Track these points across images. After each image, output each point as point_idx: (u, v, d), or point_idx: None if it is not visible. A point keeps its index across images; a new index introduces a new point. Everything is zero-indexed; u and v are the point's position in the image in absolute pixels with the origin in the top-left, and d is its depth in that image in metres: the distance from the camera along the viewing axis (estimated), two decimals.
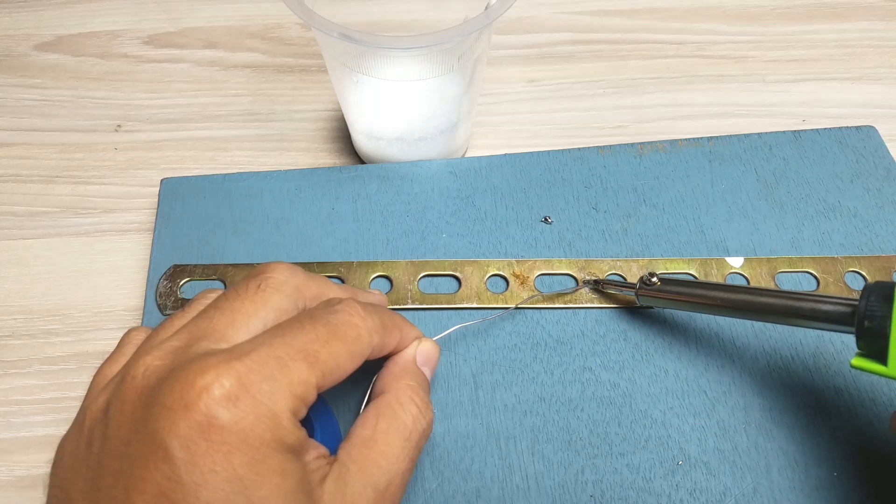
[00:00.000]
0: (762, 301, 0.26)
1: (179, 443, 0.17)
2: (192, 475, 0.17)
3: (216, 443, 0.17)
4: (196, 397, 0.17)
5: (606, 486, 0.27)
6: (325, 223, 0.34)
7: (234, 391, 0.18)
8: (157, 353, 0.20)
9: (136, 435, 0.18)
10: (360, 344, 0.21)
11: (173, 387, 0.18)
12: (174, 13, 0.47)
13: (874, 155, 0.36)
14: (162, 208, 0.34)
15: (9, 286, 0.35)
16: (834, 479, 0.27)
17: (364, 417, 0.22)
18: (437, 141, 0.36)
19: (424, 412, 0.23)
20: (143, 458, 0.18)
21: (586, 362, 0.30)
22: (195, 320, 0.21)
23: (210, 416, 0.17)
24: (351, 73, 0.31)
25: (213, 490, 0.17)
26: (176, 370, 0.18)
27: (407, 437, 0.22)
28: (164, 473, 0.17)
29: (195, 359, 0.19)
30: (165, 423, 0.17)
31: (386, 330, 0.23)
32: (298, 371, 0.19)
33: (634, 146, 0.36)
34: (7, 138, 0.41)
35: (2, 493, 0.30)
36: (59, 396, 0.32)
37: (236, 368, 0.18)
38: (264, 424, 0.18)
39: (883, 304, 0.22)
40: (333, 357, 0.20)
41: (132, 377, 0.19)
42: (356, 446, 0.21)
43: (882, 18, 0.46)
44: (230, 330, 0.20)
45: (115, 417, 0.19)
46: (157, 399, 0.18)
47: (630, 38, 0.45)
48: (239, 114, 0.42)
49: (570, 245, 0.33)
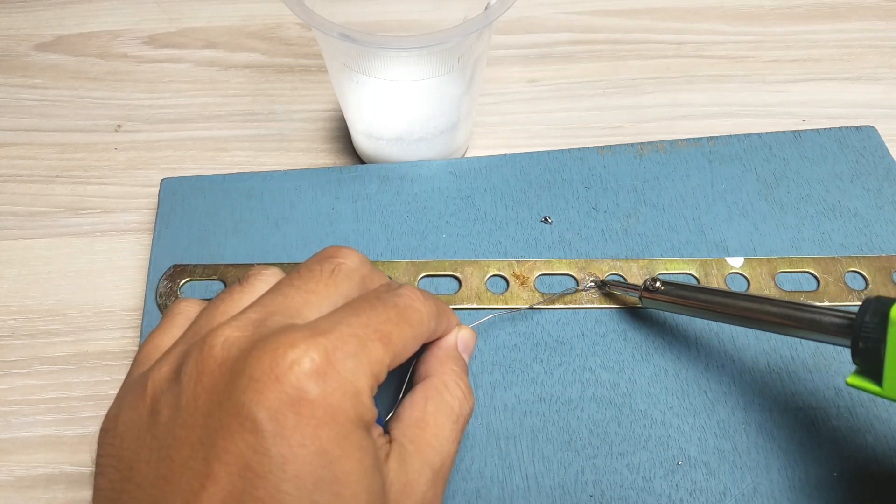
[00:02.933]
0: (760, 309, 0.25)
1: (268, 415, 0.17)
2: (280, 448, 0.17)
3: (305, 416, 0.17)
4: (287, 370, 0.17)
5: (606, 486, 0.27)
6: (325, 223, 0.34)
7: (323, 366, 0.18)
8: (236, 324, 0.19)
9: (218, 406, 0.18)
10: (422, 328, 0.22)
11: (261, 358, 0.18)
12: (174, 13, 0.47)
13: (874, 155, 0.36)
14: (162, 208, 0.34)
15: (9, 286, 0.35)
16: (834, 479, 0.27)
17: (412, 400, 0.22)
18: (437, 141, 0.36)
19: (468, 396, 0.23)
20: (227, 429, 0.17)
21: (586, 362, 0.30)
22: (270, 296, 0.21)
23: (300, 390, 0.17)
24: (351, 73, 0.31)
25: (301, 464, 0.17)
26: (262, 342, 0.18)
27: (455, 419, 0.22)
28: (251, 445, 0.17)
29: (279, 332, 0.19)
30: (253, 394, 0.17)
31: (439, 316, 0.23)
32: (376, 350, 0.19)
33: (634, 146, 0.36)
34: (7, 138, 0.41)
35: (2, 493, 0.30)
36: (59, 396, 0.32)
37: (323, 344, 0.18)
38: (349, 401, 0.18)
39: (878, 326, 0.21)
40: (402, 339, 0.21)
41: (210, 346, 0.19)
42: (410, 427, 0.21)
43: (882, 18, 0.46)
44: (305, 309, 0.20)
45: (191, 387, 0.18)
46: (243, 371, 0.18)
47: (630, 38, 0.45)
48: (239, 114, 0.42)
49: (570, 245, 0.33)
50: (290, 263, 0.32)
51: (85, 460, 0.30)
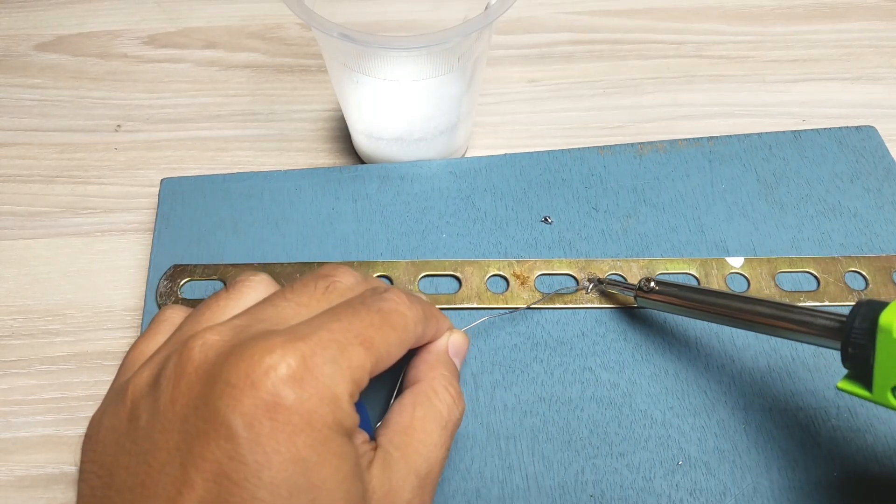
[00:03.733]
0: (753, 310, 0.25)
1: (244, 421, 0.17)
2: (256, 455, 0.17)
3: (281, 423, 0.17)
4: (263, 375, 0.17)
5: (606, 486, 0.27)
6: (325, 223, 0.34)
7: (300, 372, 0.18)
8: (217, 329, 0.19)
9: (195, 411, 0.18)
10: (408, 332, 0.22)
11: (237, 364, 0.18)
12: (174, 13, 0.47)
13: (874, 155, 0.36)
14: (162, 208, 0.34)
15: (9, 286, 0.35)
16: (834, 479, 0.27)
17: (400, 405, 0.22)
18: (437, 141, 0.36)
19: (458, 401, 0.23)
20: (203, 435, 0.17)
21: (586, 362, 0.30)
22: (260, 306, 0.21)
23: (276, 396, 0.17)
24: (351, 73, 0.31)
25: (276, 470, 0.17)
26: (239, 347, 0.18)
27: (444, 425, 0.22)
28: (226, 452, 0.17)
29: (258, 337, 0.18)
30: (229, 400, 0.17)
31: (427, 320, 0.23)
32: (357, 356, 0.19)
33: (634, 146, 0.36)
34: (7, 138, 0.41)
35: (2, 493, 0.30)
36: (59, 396, 0.32)
37: (300, 349, 0.18)
38: (327, 407, 0.18)
39: (867, 331, 0.21)
40: (385, 344, 0.20)
41: (189, 349, 0.19)
42: (397, 433, 0.21)
43: (882, 18, 0.46)
44: (293, 321, 0.20)
45: (168, 391, 0.18)
46: (219, 376, 0.18)
47: (630, 38, 0.45)
48: (239, 114, 0.42)
49: (570, 245, 0.33)
50: (290, 263, 0.32)
51: None
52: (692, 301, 0.28)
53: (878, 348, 0.21)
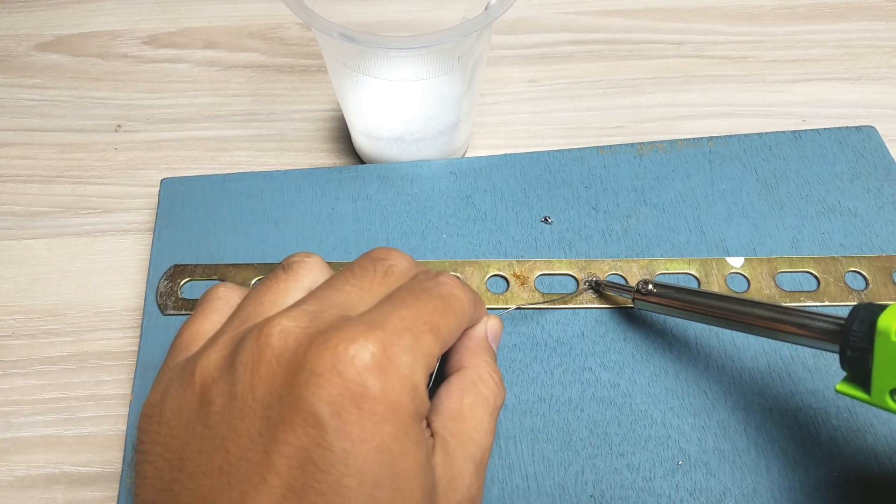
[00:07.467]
0: (752, 313, 0.25)
1: (331, 410, 0.17)
2: (343, 442, 0.17)
3: (367, 412, 0.17)
4: (348, 364, 0.17)
5: (606, 486, 0.27)
6: (325, 223, 0.34)
7: (382, 361, 0.18)
8: (292, 314, 0.19)
9: (279, 399, 0.18)
10: (465, 316, 0.22)
11: (321, 353, 0.18)
12: (174, 13, 0.47)
13: (874, 155, 0.36)
14: (162, 208, 0.34)
15: (9, 286, 0.35)
16: (834, 479, 0.27)
17: (447, 391, 0.22)
18: (437, 141, 0.36)
19: (501, 388, 0.23)
20: (288, 422, 0.17)
21: (586, 362, 0.30)
22: (325, 290, 0.21)
23: (362, 385, 0.17)
24: (351, 73, 0.31)
25: (363, 459, 0.17)
26: (320, 336, 0.18)
27: (490, 411, 0.22)
28: (313, 439, 0.17)
29: (336, 325, 0.19)
30: (315, 389, 0.17)
31: (476, 305, 0.23)
32: (427, 343, 0.19)
33: (634, 146, 0.36)
34: (7, 138, 0.41)
35: (2, 493, 0.30)
36: (59, 396, 0.32)
37: (380, 337, 0.18)
38: (408, 395, 0.18)
39: (865, 335, 0.21)
40: (449, 329, 0.21)
41: (266, 336, 0.19)
42: (449, 420, 0.21)
43: (882, 18, 0.46)
44: (360, 306, 0.21)
45: (247, 377, 0.18)
46: (304, 364, 0.18)
47: (630, 39, 0.45)
48: (239, 114, 0.42)
49: (570, 245, 0.33)
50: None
51: (85, 460, 0.30)
52: (690, 304, 0.27)
53: (877, 351, 0.21)
